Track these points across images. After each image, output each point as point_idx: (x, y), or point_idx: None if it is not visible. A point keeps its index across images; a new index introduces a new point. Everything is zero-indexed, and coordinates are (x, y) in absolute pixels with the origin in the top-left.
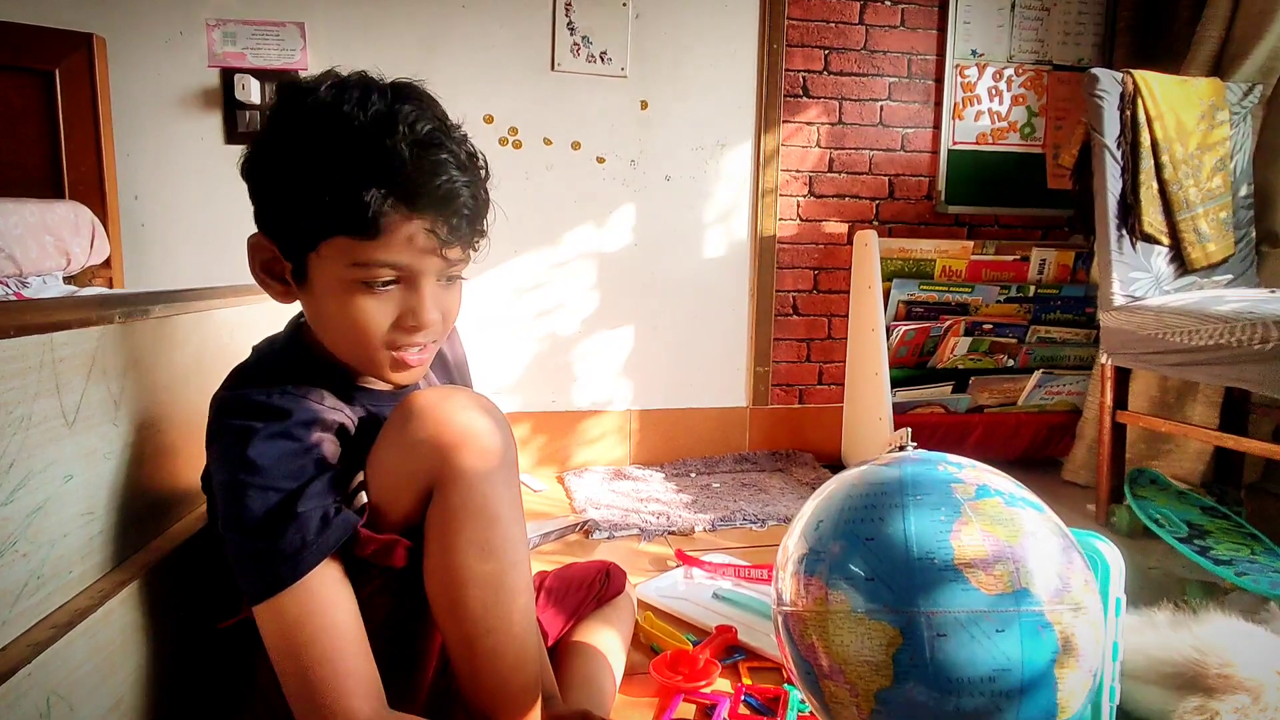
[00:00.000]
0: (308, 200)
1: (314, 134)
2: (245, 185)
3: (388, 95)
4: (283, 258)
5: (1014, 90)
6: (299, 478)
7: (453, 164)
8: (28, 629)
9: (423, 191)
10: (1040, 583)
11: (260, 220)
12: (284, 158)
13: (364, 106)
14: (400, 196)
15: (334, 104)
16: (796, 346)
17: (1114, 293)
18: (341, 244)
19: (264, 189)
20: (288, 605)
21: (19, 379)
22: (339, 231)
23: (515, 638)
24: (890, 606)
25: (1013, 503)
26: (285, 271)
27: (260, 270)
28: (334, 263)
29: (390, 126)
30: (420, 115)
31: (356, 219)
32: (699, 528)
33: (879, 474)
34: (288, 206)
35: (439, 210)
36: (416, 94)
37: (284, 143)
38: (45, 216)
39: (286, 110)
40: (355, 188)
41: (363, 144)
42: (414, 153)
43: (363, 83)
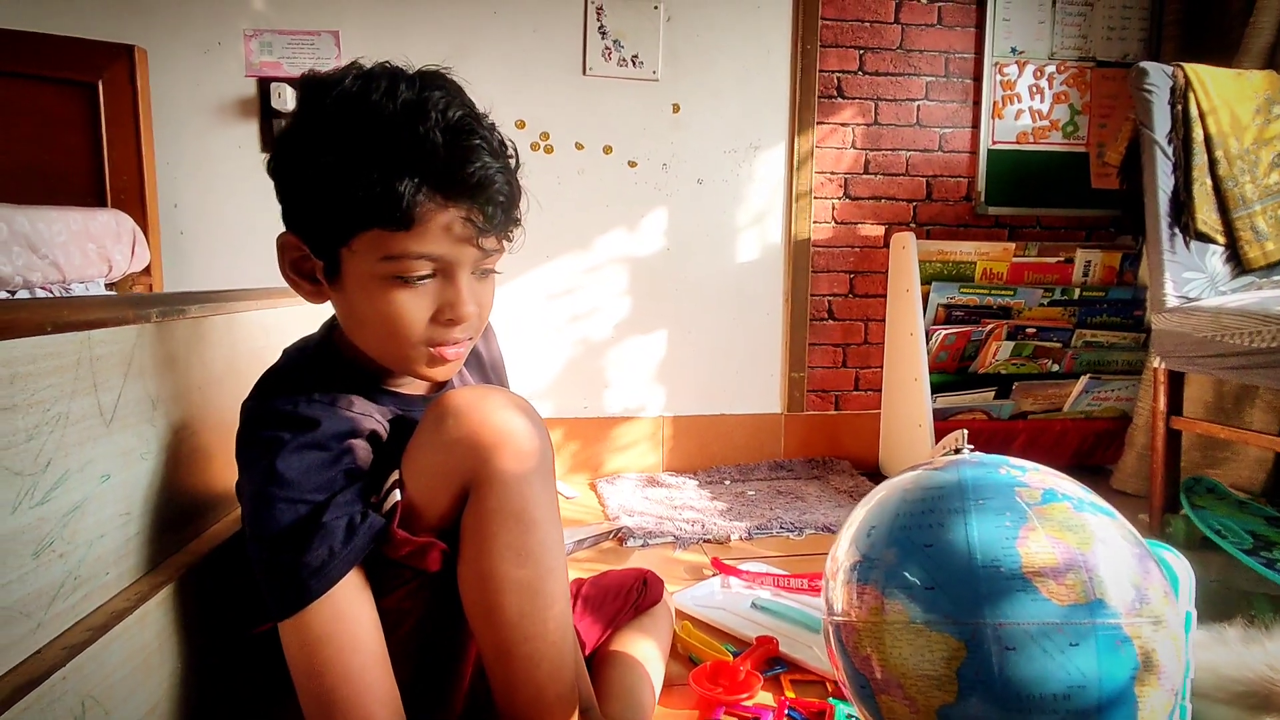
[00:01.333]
0: (339, 193)
1: (342, 125)
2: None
3: (416, 83)
4: (313, 255)
5: (1056, 88)
6: (328, 489)
7: (485, 150)
8: (63, 631)
9: (457, 178)
10: (1116, 593)
11: (289, 218)
12: (312, 151)
13: (393, 95)
14: (434, 185)
15: (361, 94)
16: (832, 352)
17: (1166, 294)
18: (375, 237)
19: (292, 185)
20: (313, 622)
21: (56, 376)
22: (372, 224)
23: (552, 645)
24: (953, 617)
25: (1082, 508)
26: (316, 270)
27: (290, 269)
28: (367, 257)
29: (421, 113)
30: (450, 101)
31: (390, 210)
32: (735, 536)
33: (935, 478)
34: (318, 201)
35: (474, 197)
36: (444, 81)
37: (311, 136)
38: (88, 224)
39: (312, 104)
40: (388, 178)
41: (394, 132)
42: (447, 139)
43: (390, 72)
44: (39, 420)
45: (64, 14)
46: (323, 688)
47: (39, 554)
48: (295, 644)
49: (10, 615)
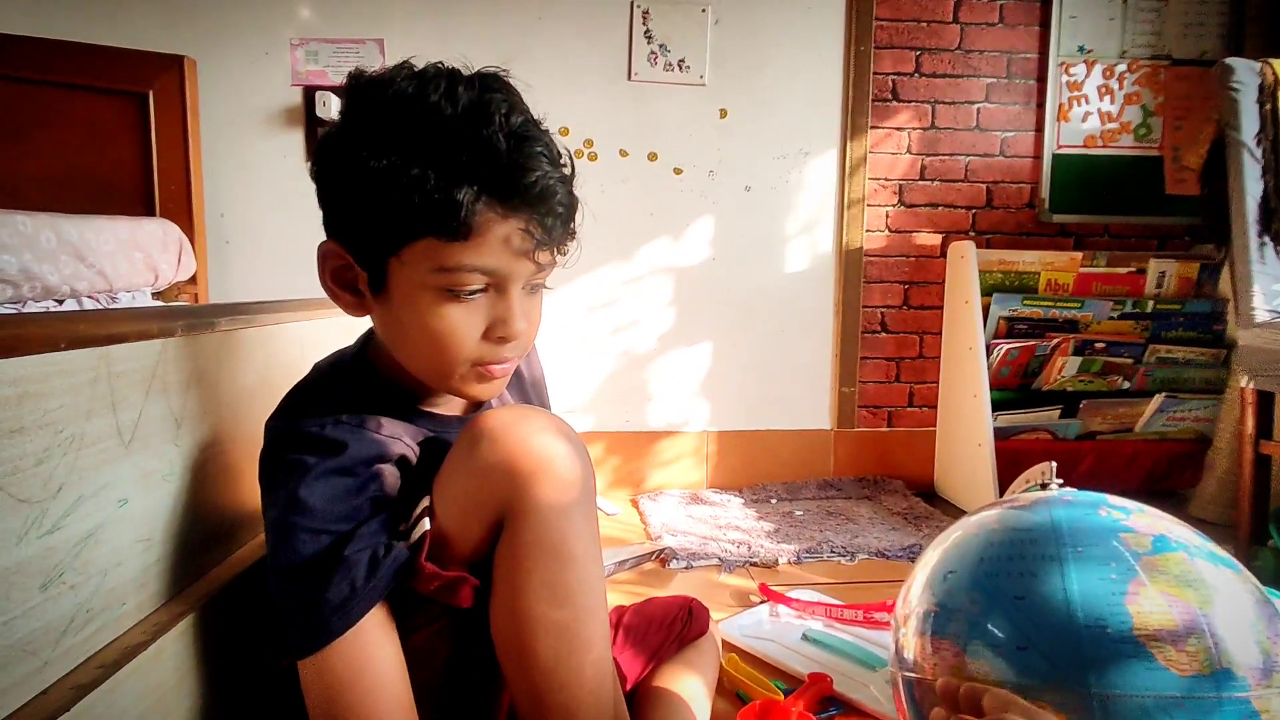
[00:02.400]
0: (392, 199)
1: (397, 127)
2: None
3: (475, 85)
4: (357, 265)
5: (1127, 88)
6: (353, 518)
7: (546, 159)
8: (72, 669)
9: (518, 188)
10: (1243, 660)
11: (332, 225)
12: (363, 154)
13: (452, 97)
14: (494, 194)
15: (418, 95)
16: (885, 366)
17: (1255, 307)
18: (427, 247)
19: (339, 189)
20: (334, 663)
21: (70, 395)
22: (427, 233)
23: (589, 694)
24: (1051, 683)
25: (1199, 557)
26: (359, 280)
27: (330, 279)
28: (418, 268)
29: (484, 117)
30: (512, 106)
31: (447, 219)
32: (783, 559)
33: (1022, 518)
34: (367, 207)
35: (534, 208)
36: (503, 84)
37: (361, 138)
38: (136, 233)
39: (362, 104)
40: (447, 184)
41: (453, 137)
42: (509, 146)
43: (447, 72)
44: (49, 443)
45: (116, 25)
46: None
47: (47, 586)
48: (316, 685)
49: (13, 654)
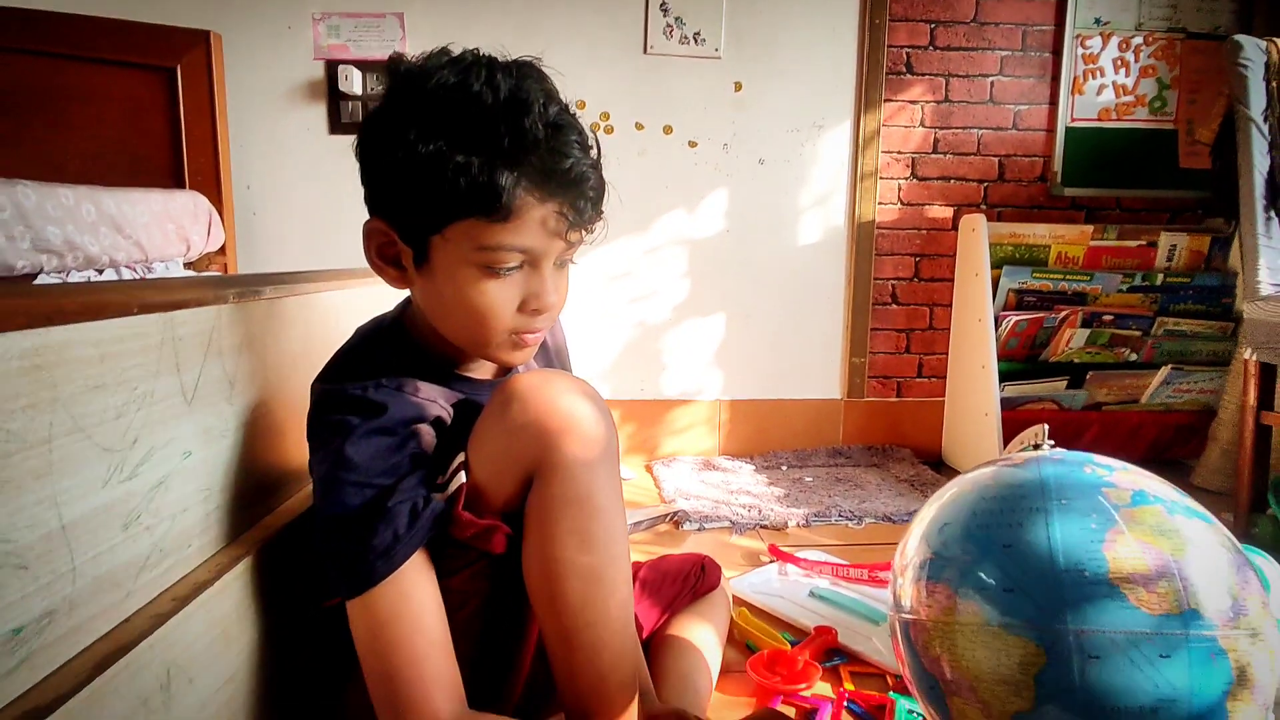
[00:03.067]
0: (438, 182)
1: (443, 114)
2: (355, 170)
3: (513, 74)
4: (401, 242)
5: (1142, 61)
6: (395, 473)
7: (579, 146)
8: (150, 600)
9: (555, 174)
10: (1211, 604)
11: (376, 204)
12: (411, 138)
13: (493, 86)
14: (533, 179)
15: (461, 84)
16: (895, 337)
17: (1260, 280)
18: (470, 227)
19: (385, 170)
20: (379, 603)
21: (142, 356)
22: (470, 214)
23: (615, 633)
24: (1032, 621)
25: (1175, 511)
26: (402, 255)
27: (376, 255)
28: (460, 246)
29: (524, 107)
30: (548, 96)
31: (490, 201)
32: (793, 523)
33: (1014, 475)
34: (415, 188)
35: (568, 192)
36: (538, 73)
37: (408, 123)
38: (168, 205)
39: (406, 89)
40: (491, 169)
41: (496, 124)
42: (548, 134)
43: (486, 61)
44: (126, 399)
45: (144, 1)
46: (389, 666)
47: (128, 526)
48: (362, 623)
49: (102, 585)
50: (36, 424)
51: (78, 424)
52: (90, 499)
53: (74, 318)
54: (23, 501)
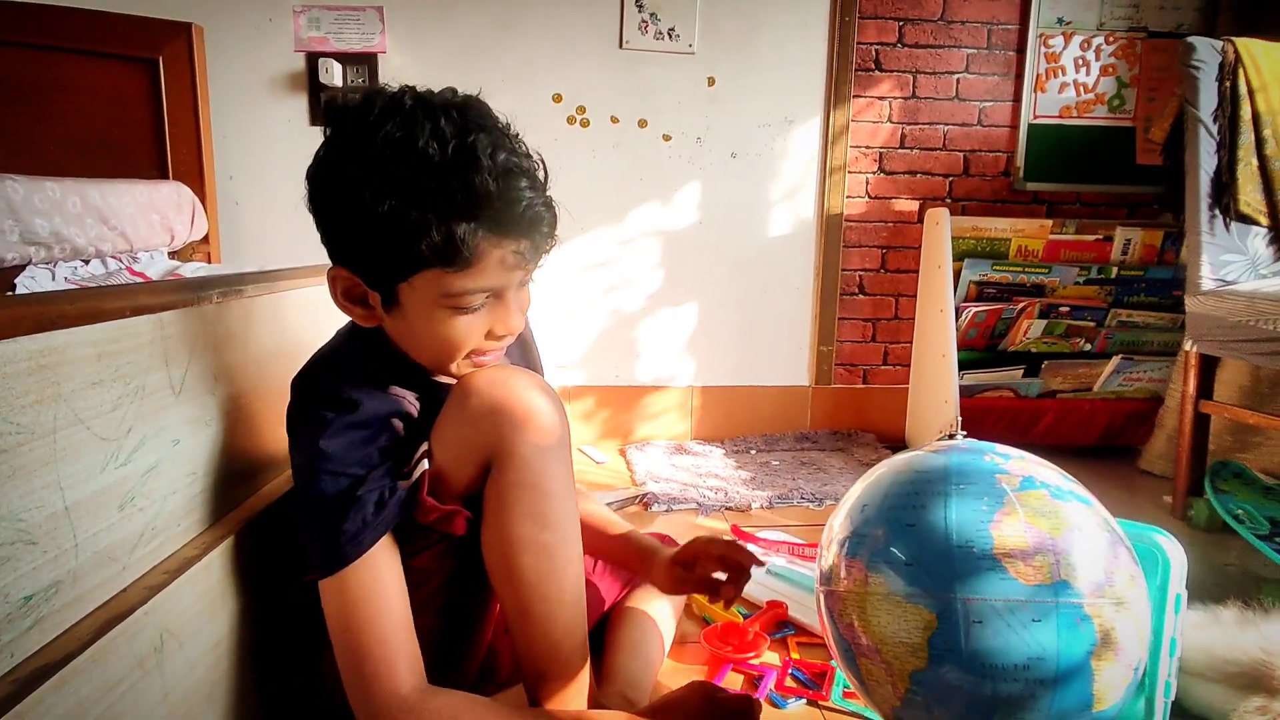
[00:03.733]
0: (398, 240)
1: (393, 173)
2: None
3: (456, 121)
4: (368, 288)
5: (1103, 60)
6: (367, 464)
7: (529, 187)
8: (144, 573)
9: (510, 219)
10: (1082, 576)
11: (337, 254)
12: (366, 199)
13: (440, 139)
14: (489, 227)
15: (407, 140)
16: (862, 326)
17: (1203, 276)
18: (435, 276)
19: (343, 227)
20: (350, 585)
21: (135, 354)
22: (432, 266)
23: (567, 605)
24: (928, 591)
25: (1059, 495)
26: (369, 297)
27: (343, 298)
28: (427, 292)
29: (472, 160)
30: (494, 143)
31: (451, 255)
32: (756, 504)
33: (926, 461)
34: (376, 246)
35: (524, 232)
36: (480, 114)
37: (361, 183)
38: (152, 196)
39: (352, 145)
40: (447, 225)
41: (447, 181)
42: (498, 185)
43: (427, 108)
44: (121, 392)
45: None
46: (357, 643)
47: (123, 507)
48: (334, 601)
49: (101, 560)
50: (43, 418)
51: (78, 416)
52: (90, 483)
53: (75, 322)
54: (31, 486)
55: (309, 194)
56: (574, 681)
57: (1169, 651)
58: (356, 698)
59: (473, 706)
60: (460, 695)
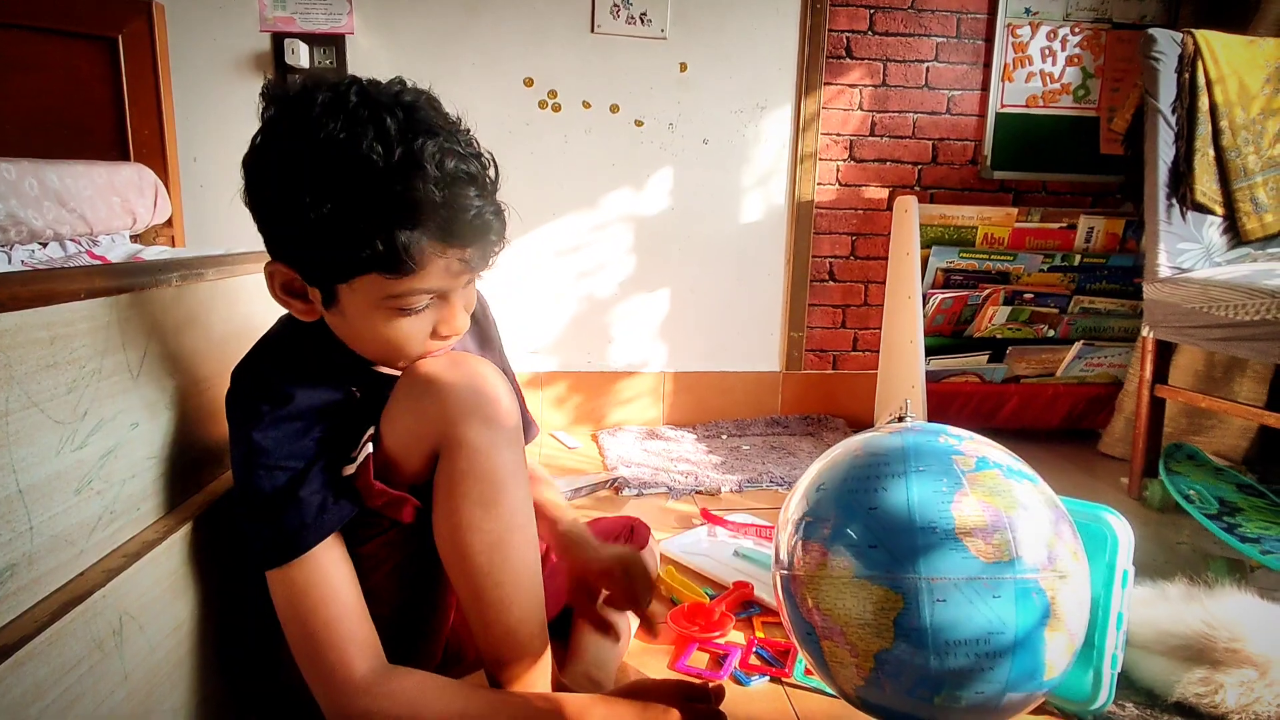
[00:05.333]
0: (338, 244)
1: (335, 178)
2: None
3: (402, 122)
4: (307, 284)
5: (1069, 50)
6: (303, 456)
7: (477, 194)
8: (103, 557)
9: (455, 227)
10: (1032, 551)
11: (277, 252)
12: (305, 200)
13: (385, 144)
14: (434, 234)
15: (350, 142)
16: (832, 312)
17: (1160, 264)
18: (375, 279)
19: (281, 225)
20: (294, 575)
21: (90, 337)
22: (373, 270)
23: (522, 589)
24: (893, 572)
25: (1010, 475)
26: (308, 292)
27: (281, 292)
28: (368, 294)
29: (416, 167)
30: (441, 149)
31: (392, 262)
32: (726, 488)
33: (882, 443)
34: (314, 247)
35: (470, 240)
36: (429, 115)
37: (300, 184)
38: (113, 178)
39: (292, 140)
40: (389, 233)
41: (390, 188)
42: (444, 194)
43: (371, 107)
44: (75, 375)
45: None
46: (307, 630)
47: (80, 491)
48: (280, 592)
49: (58, 543)
50: None
51: (31, 399)
52: (44, 466)
53: (27, 304)
54: None
55: (245, 184)
56: (535, 665)
57: (1116, 625)
58: (314, 684)
59: (432, 684)
60: (420, 674)
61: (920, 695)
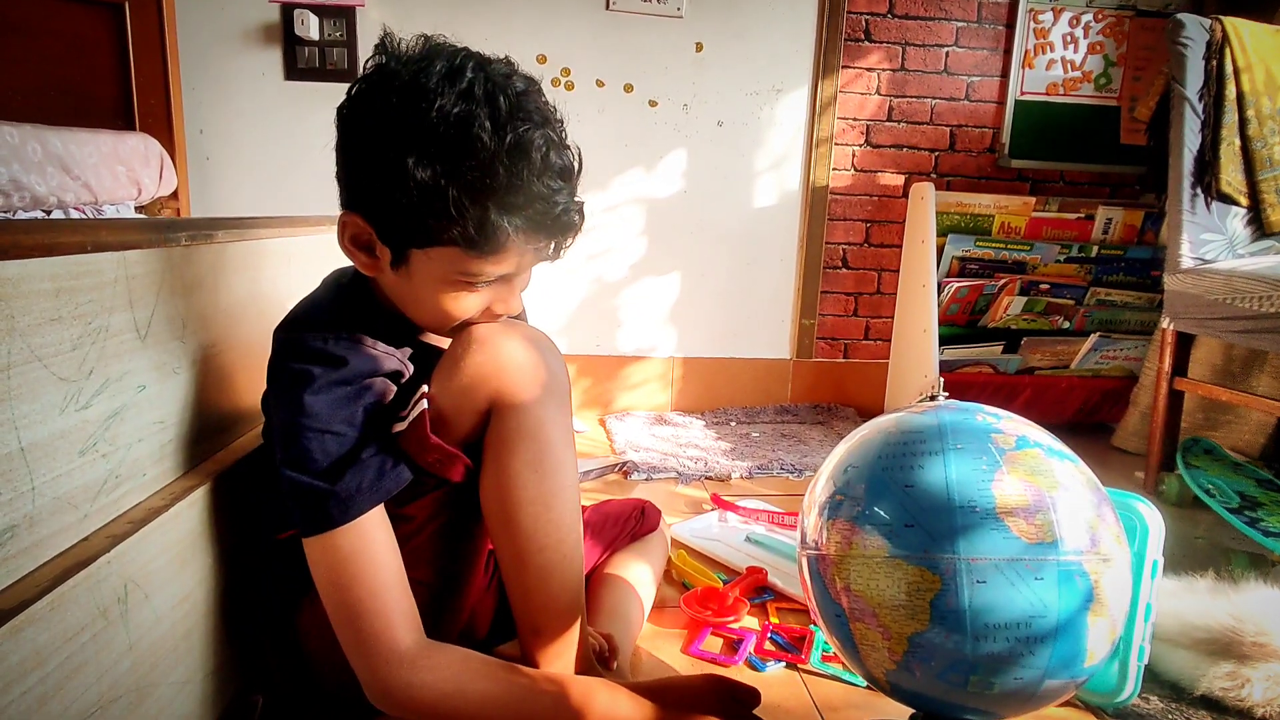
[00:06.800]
0: (430, 213)
1: (443, 149)
2: (311, 117)
3: (515, 106)
4: (379, 241)
5: (1091, 37)
6: (352, 423)
7: (568, 190)
8: (107, 522)
9: (545, 221)
10: (1075, 532)
11: (355, 202)
12: (404, 161)
13: (496, 126)
14: (523, 225)
15: (464, 117)
16: (844, 300)
17: (1182, 254)
18: (455, 253)
19: (372, 181)
20: (340, 543)
21: (96, 292)
22: (456, 244)
23: (564, 557)
24: (930, 552)
25: (1051, 455)
26: (376, 248)
27: (349, 243)
28: (441, 264)
29: (524, 155)
30: (547, 140)
31: (481, 242)
32: (736, 474)
33: (915, 421)
34: (405, 208)
35: (553, 235)
36: (535, 103)
37: (406, 147)
38: (118, 147)
39: (403, 102)
40: (485, 213)
41: (497, 171)
42: (545, 188)
43: (486, 88)
44: (81, 332)
45: None
46: (351, 598)
47: (84, 453)
48: (322, 560)
49: (61, 505)
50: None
51: (35, 354)
52: (48, 424)
53: (29, 253)
54: None
55: (339, 132)
56: (566, 635)
57: (1144, 616)
58: (354, 654)
59: (474, 662)
60: (459, 650)
61: (952, 680)
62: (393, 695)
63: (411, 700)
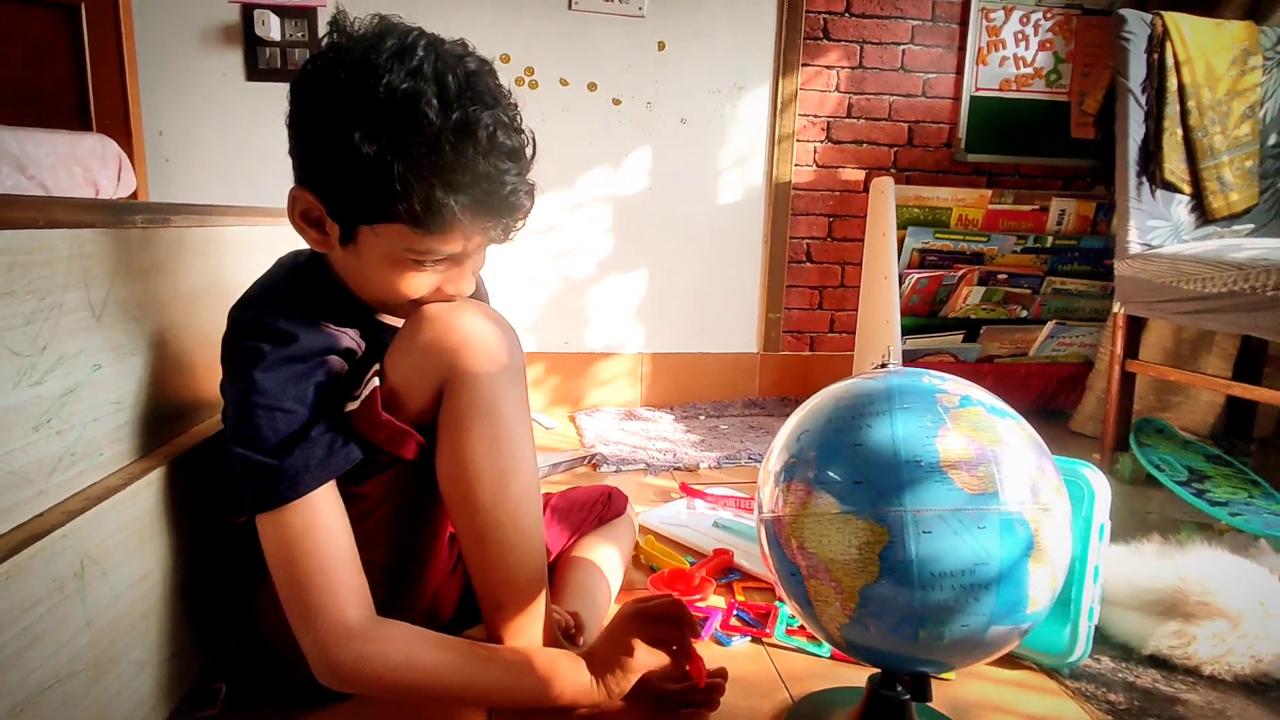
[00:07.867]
0: (375, 188)
1: (390, 124)
2: (272, 119)
3: (461, 83)
4: (329, 218)
5: (1041, 35)
6: (303, 400)
7: (516, 171)
8: (63, 499)
9: (491, 201)
10: (1015, 484)
11: (309, 180)
12: (351, 136)
13: (443, 103)
14: (470, 204)
15: (411, 95)
16: (809, 294)
17: (1130, 241)
18: (402, 230)
19: (321, 157)
20: (289, 519)
21: (49, 269)
22: (401, 221)
23: (523, 532)
24: (878, 506)
25: (993, 412)
26: (326, 224)
27: (299, 218)
28: (389, 241)
29: (469, 134)
30: (495, 121)
31: (426, 219)
32: (705, 464)
33: (865, 385)
34: (353, 185)
35: (501, 215)
36: (486, 84)
37: (353, 122)
38: (74, 148)
39: (352, 78)
40: (431, 191)
41: (443, 149)
42: (492, 167)
43: (436, 66)
44: (35, 307)
45: None
46: (300, 575)
47: (39, 429)
48: (273, 537)
49: (16, 480)
50: None
51: None
52: (1, 398)
53: None
54: None
55: (291, 108)
56: (531, 611)
57: (1093, 578)
58: (302, 630)
59: (424, 635)
60: (410, 627)
61: (904, 633)
62: (340, 669)
63: (360, 674)
